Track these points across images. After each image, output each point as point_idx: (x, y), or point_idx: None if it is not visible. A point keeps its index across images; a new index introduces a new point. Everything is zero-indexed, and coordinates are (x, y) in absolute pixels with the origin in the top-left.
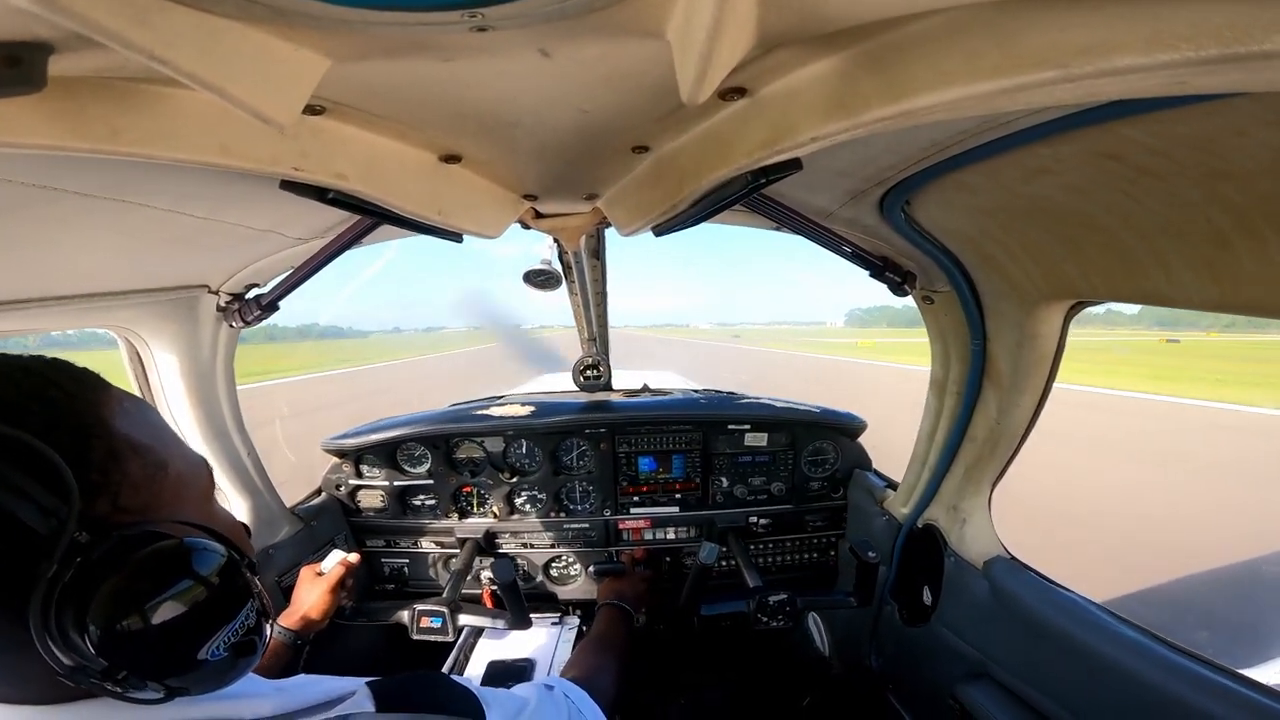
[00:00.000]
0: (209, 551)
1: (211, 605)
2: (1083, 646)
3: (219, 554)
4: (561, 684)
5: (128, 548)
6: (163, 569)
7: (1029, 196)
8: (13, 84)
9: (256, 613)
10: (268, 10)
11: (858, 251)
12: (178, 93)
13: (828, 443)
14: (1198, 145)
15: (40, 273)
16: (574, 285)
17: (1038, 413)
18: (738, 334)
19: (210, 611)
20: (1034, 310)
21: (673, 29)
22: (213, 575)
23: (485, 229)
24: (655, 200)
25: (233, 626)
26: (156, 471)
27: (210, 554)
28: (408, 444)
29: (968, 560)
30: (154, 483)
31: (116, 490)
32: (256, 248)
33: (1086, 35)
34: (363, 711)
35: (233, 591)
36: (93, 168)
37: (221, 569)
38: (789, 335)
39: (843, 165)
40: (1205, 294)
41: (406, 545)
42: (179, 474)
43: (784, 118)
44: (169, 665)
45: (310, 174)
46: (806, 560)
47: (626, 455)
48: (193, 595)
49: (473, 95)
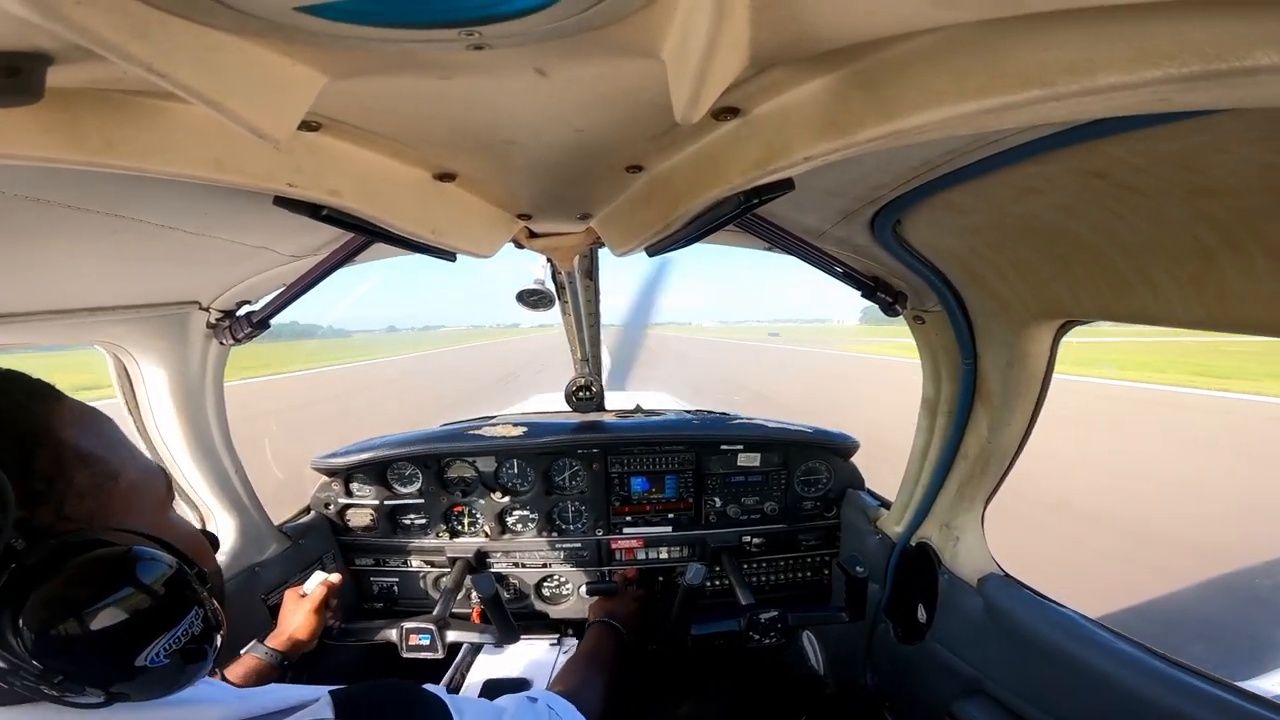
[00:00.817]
0: (152, 560)
1: (150, 613)
2: (1078, 662)
3: (163, 563)
4: (546, 696)
5: (65, 554)
6: (99, 576)
7: (1018, 215)
8: (11, 94)
9: (203, 621)
10: (265, 25)
11: (849, 271)
12: (173, 106)
13: (820, 462)
14: (1182, 162)
15: (28, 286)
16: (567, 305)
17: (1029, 431)
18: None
19: (149, 619)
20: (1024, 329)
21: (668, 49)
22: (155, 584)
23: (479, 248)
24: (648, 220)
25: (174, 634)
26: (105, 481)
27: (153, 562)
28: (398, 463)
29: (961, 578)
30: (102, 492)
31: (61, 499)
32: (248, 264)
33: (1071, 54)
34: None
35: (175, 600)
36: (85, 181)
37: (167, 578)
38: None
39: (834, 185)
40: (1192, 312)
41: (396, 564)
42: (131, 483)
43: (777, 137)
44: (106, 670)
45: (304, 190)
46: (800, 579)
47: (619, 475)
48: (131, 603)
49: (468, 114)
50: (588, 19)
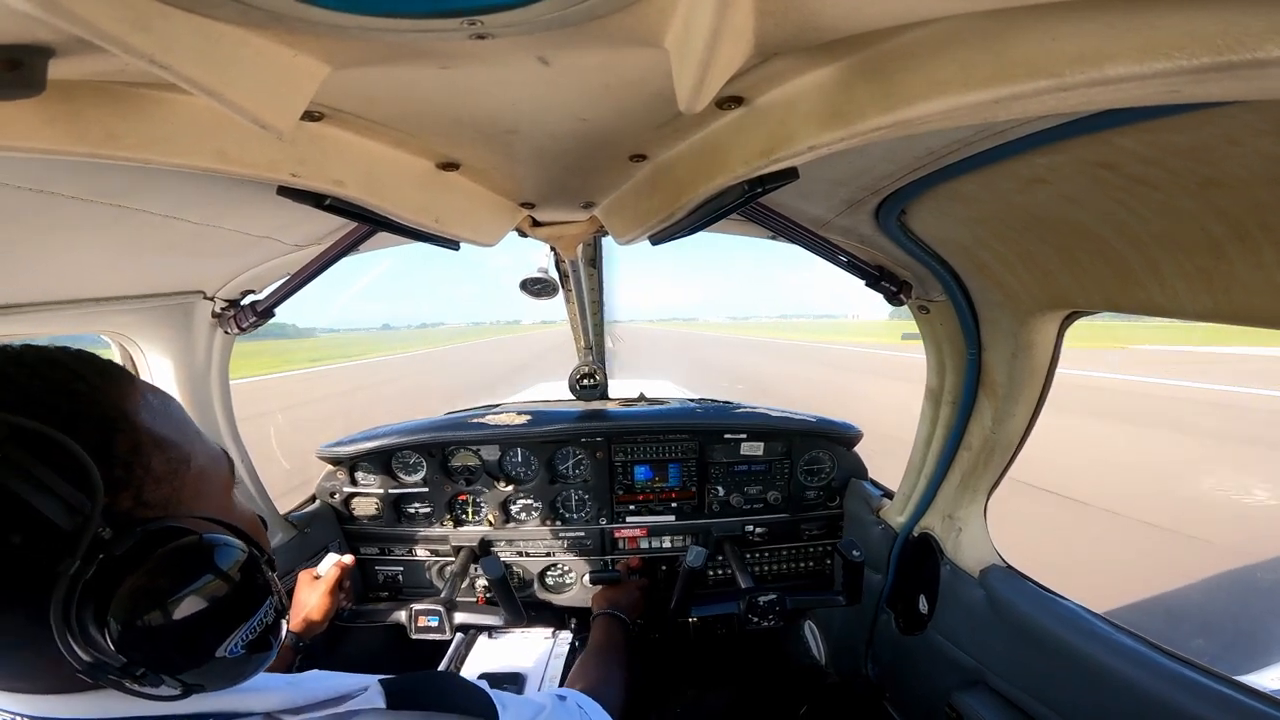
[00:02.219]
0: (230, 548)
1: (231, 602)
2: (1079, 654)
3: (240, 550)
4: (574, 695)
5: (151, 544)
6: (185, 566)
7: (1024, 206)
8: (12, 87)
9: (274, 610)
10: (267, 16)
11: (854, 261)
12: (176, 98)
13: (824, 452)
14: (1191, 154)
15: (35, 277)
16: (570, 294)
17: (1033, 422)
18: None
19: (230, 608)
20: (1029, 320)
21: (671, 38)
22: (233, 572)
23: (482, 237)
24: (652, 209)
25: (251, 624)
26: (179, 466)
27: (231, 550)
28: (403, 452)
29: (964, 569)
30: (176, 477)
31: (140, 485)
32: (252, 254)
33: (1079, 44)
34: (373, 708)
35: (252, 588)
36: (90, 172)
37: (242, 566)
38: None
39: (839, 174)
40: (1199, 304)
41: (401, 553)
42: (201, 468)
43: (781, 127)
44: (187, 662)
45: (307, 180)
46: (802, 569)
47: (623, 464)
48: (213, 592)
49: (471, 103)
50: (590, 8)
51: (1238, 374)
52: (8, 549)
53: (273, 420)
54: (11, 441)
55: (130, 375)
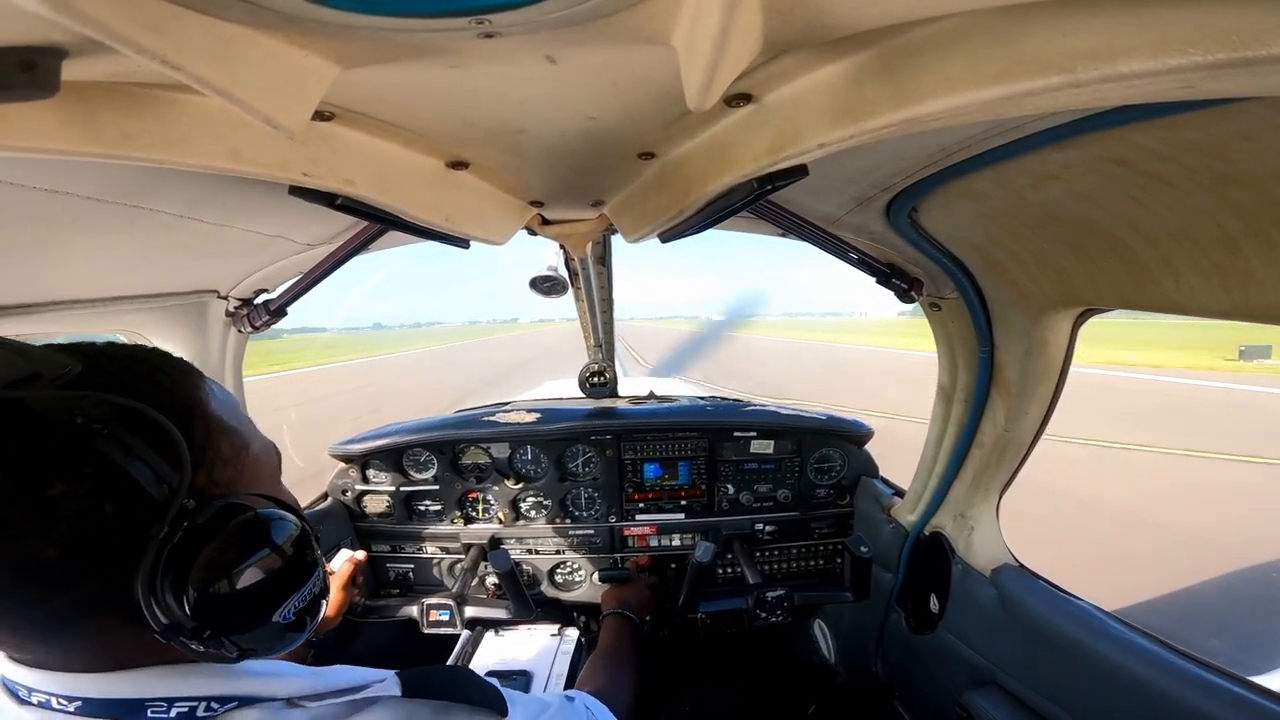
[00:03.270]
0: (288, 522)
1: (288, 572)
2: (1092, 654)
3: (295, 526)
4: (582, 696)
5: (225, 516)
6: (253, 537)
7: (1037, 203)
8: (26, 88)
9: (321, 582)
10: (277, 17)
11: (864, 258)
12: (188, 99)
13: (834, 450)
14: (1207, 150)
15: (51, 277)
16: (580, 292)
17: (1046, 420)
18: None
19: (287, 578)
20: (1042, 318)
21: (679, 36)
22: (291, 545)
23: (492, 235)
24: (661, 207)
25: (303, 592)
26: (241, 450)
27: (288, 525)
28: (414, 449)
29: (975, 568)
30: (239, 460)
31: (211, 465)
32: (265, 253)
33: (1092, 40)
34: (389, 695)
35: (305, 561)
36: (103, 173)
37: (296, 540)
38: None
39: (849, 172)
40: (1215, 301)
41: (411, 550)
42: (257, 455)
43: (790, 124)
44: (247, 627)
45: (319, 180)
46: (812, 567)
47: (632, 462)
48: (274, 562)
49: (480, 102)
50: (597, 6)
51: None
52: (101, 517)
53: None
54: (115, 420)
55: (199, 371)
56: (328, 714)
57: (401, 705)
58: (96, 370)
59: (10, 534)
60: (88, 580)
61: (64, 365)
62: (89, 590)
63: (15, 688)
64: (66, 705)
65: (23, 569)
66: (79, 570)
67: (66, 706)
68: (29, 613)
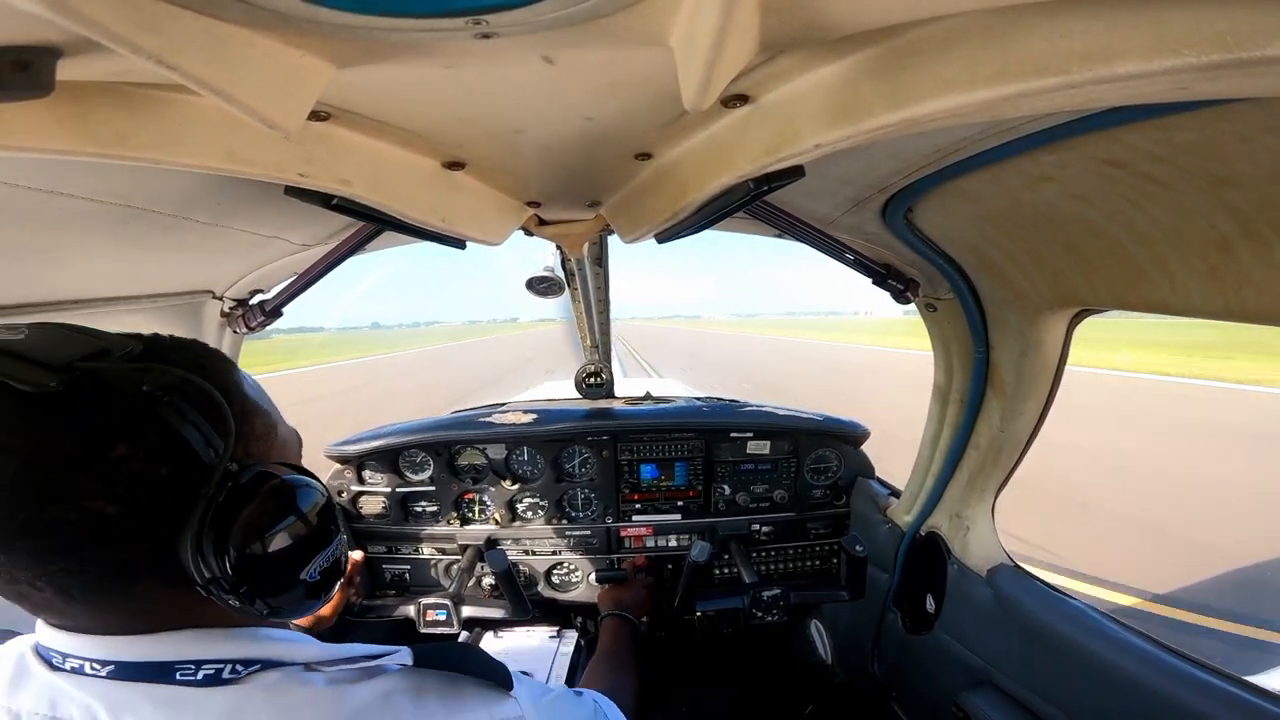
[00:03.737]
0: (314, 489)
1: (315, 534)
2: (1088, 654)
3: (321, 494)
4: (591, 693)
5: (261, 480)
6: (285, 499)
7: (1032, 204)
8: (21, 88)
9: (342, 546)
10: (274, 17)
11: (860, 259)
12: (184, 98)
13: (830, 450)
14: (1201, 151)
15: (46, 278)
16: (577, 292)
17: (1041, 421)
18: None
19: (313, 539)
20: (1037, 319)
21: (676, 36)
22: (315, 509)
23: (488, 236)
24: (658, 208)
25: (327, 553)
26: (270, 430)
27: (314, 491)
28: (410, 450)
29: (971, 568)
30: (269, 438)
31: (247, 439)
32: (261, 254)
33: (1087, 41)
34: (400, 664)
35: (328, 526)
36: (99, 173)
37: (322, 506)
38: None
39: (845, 172)
40: (1210, 302)
41: (408, 551)
42: (284, 436)
43: (786, 125)
44: (277, 583)
45: (315, 180)
46: (809, 568)
47: (629, 462)
48: (303, 524)
49: (476, 102)
50: (594, 6)
51: None
52: (157, 479)
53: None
54: (174, 390)
55: (233, 360)
56: (343, 677)
57: (413, 674)
58: (154, 350)
59: (76, 491)
60: (141, 538)
61: (128, 344)
62: (141, 548)
63: (49, 654)
64: (99, 670)
65: (84, 525)
66: (134, 528)
67: (99, 671)
68: (83, 571)
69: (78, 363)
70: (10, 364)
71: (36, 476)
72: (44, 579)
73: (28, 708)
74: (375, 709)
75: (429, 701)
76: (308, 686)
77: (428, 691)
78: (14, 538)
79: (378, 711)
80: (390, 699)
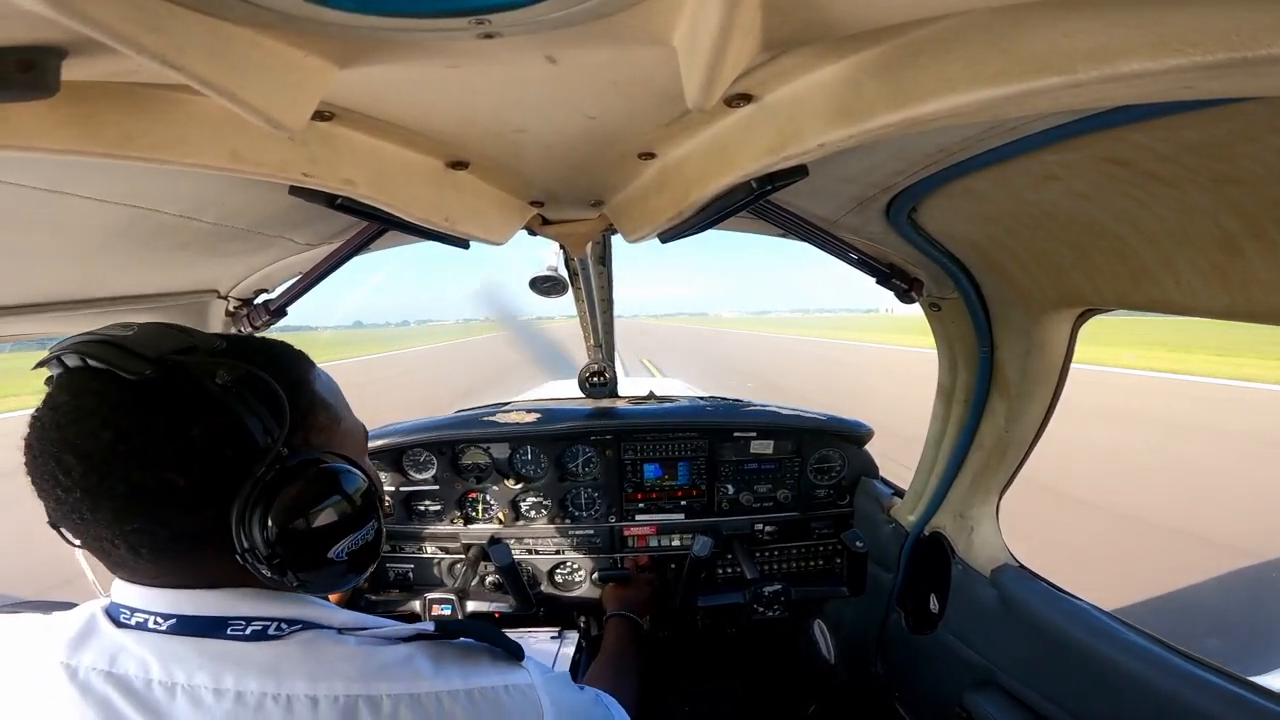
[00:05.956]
0: (354, 475)
1: (347, 516)
2: (1092, 654)
3: (362, 480)
4: (594, 689)
5: (308, 465)
6: (324, 483)
7: (1037, 203)
8: (26, 88)
9: (375, 532)
10: (277, 17)
11: (864, 258)
12: (189, 99)
13: (834, 450)
14: (1207, 150)
15: (52, 278)
16: (580, 292)
17: (1046, 421)
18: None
19: (346, 521)
20: (1042, 318)
21: (679, 36)
22: (355, 494)
23: (492, 235)
24: (661, 207)
25: (355, 537)
26: (334, 423)
27: (356, 478)
28: (413, 449)
29: (975, 568)
30: (332, 430)
31: (308, 430)
32: (265, 253)
33: (1091, 40)
34: (424, 630)
35: (366, 511)
36: (104, 173)
37: (363, 492)
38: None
39: (849, 172)
40: (1215, 301)
41: (411, 550)
42: (348, 428)
43: (790, 124)
44: (306, 555)
45: (319, 180)
46: (812, 568)
47: (632, 462)
48: (337, 506)
49: (480, 102)
50: (597, 6)
51: None
52: (222, 457)
53: None
54: (243, 383)
55: (310, 358)
56: (371, 643)
57: (434, 643)
58: (237, 348)
59: (156, 463)
60: (204, 508)
61: (215, 342)
62: (203, 517)
63: (118, 612)
64: (161, 625)
65: (159, 492)
66: (199, 499)
67: (160, 626)
68: (153, 532)
69: (169, 356)
70: (118, 355)
71: (127, 448)
72: (119, 537)
73: (88, 663)
74: (399, 666)
75: (447, 664)
76: (341, 644)
77: (446, 656)
78: (103, 497)
79: (400, 668)
80: (412, 660)
